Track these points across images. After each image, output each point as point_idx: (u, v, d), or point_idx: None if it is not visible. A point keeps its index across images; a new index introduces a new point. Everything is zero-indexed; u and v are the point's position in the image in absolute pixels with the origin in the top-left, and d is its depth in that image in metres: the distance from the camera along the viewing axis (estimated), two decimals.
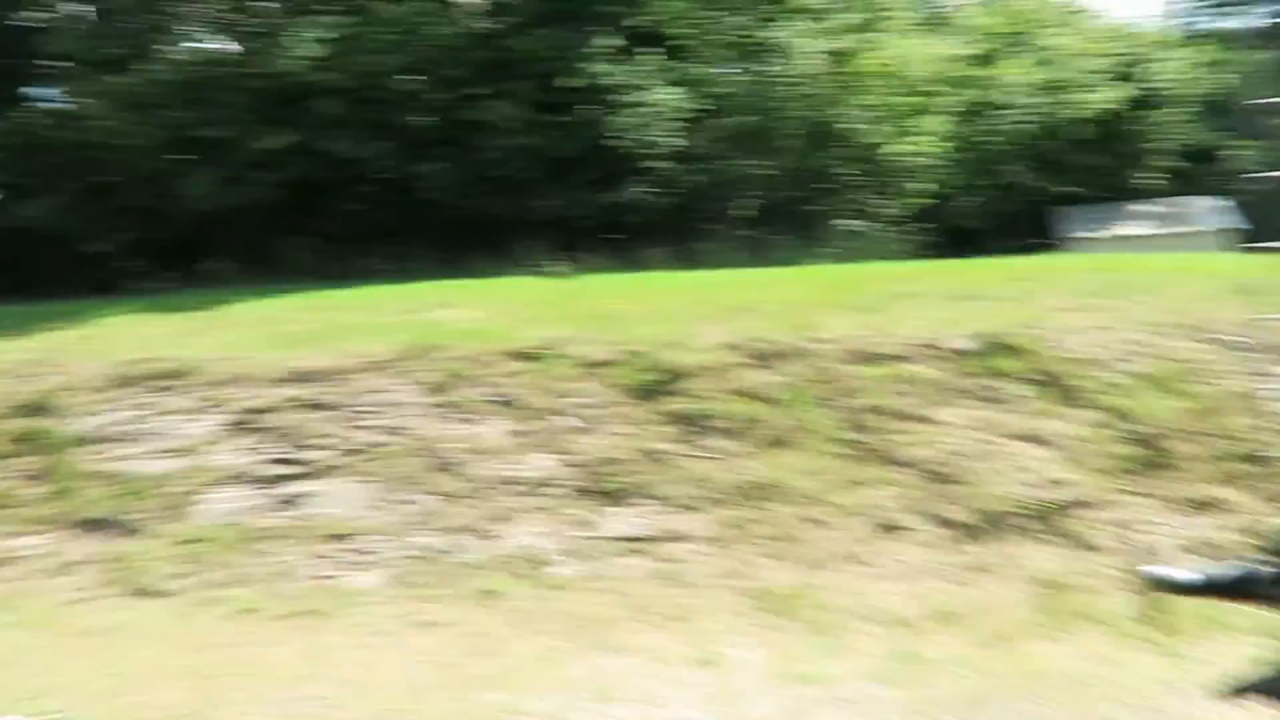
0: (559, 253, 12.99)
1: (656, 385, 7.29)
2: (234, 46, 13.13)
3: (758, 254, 12.74)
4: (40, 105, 19.19)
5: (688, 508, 6.51)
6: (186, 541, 7.49)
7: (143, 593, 7.27)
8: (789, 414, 6.89)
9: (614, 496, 6.68)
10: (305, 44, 12.76)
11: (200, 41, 13.37)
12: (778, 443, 6.75)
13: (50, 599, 7.45)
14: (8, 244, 18.83)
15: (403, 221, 14.52)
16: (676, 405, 7.13)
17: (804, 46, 11.95)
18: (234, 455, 7.90)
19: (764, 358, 7.34)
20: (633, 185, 13.48)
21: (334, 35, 12.91)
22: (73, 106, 15.88)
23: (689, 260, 12.46)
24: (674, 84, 13.28)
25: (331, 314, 10.08)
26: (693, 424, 6.97)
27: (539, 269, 12.52)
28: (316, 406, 7.97)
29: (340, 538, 7.10)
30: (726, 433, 6.87)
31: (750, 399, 7.05)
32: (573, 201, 13.47)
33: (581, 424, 7.15)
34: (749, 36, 12.26)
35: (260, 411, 8.12)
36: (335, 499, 7.34)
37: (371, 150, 13.02)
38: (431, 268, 13.30)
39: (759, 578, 6.06)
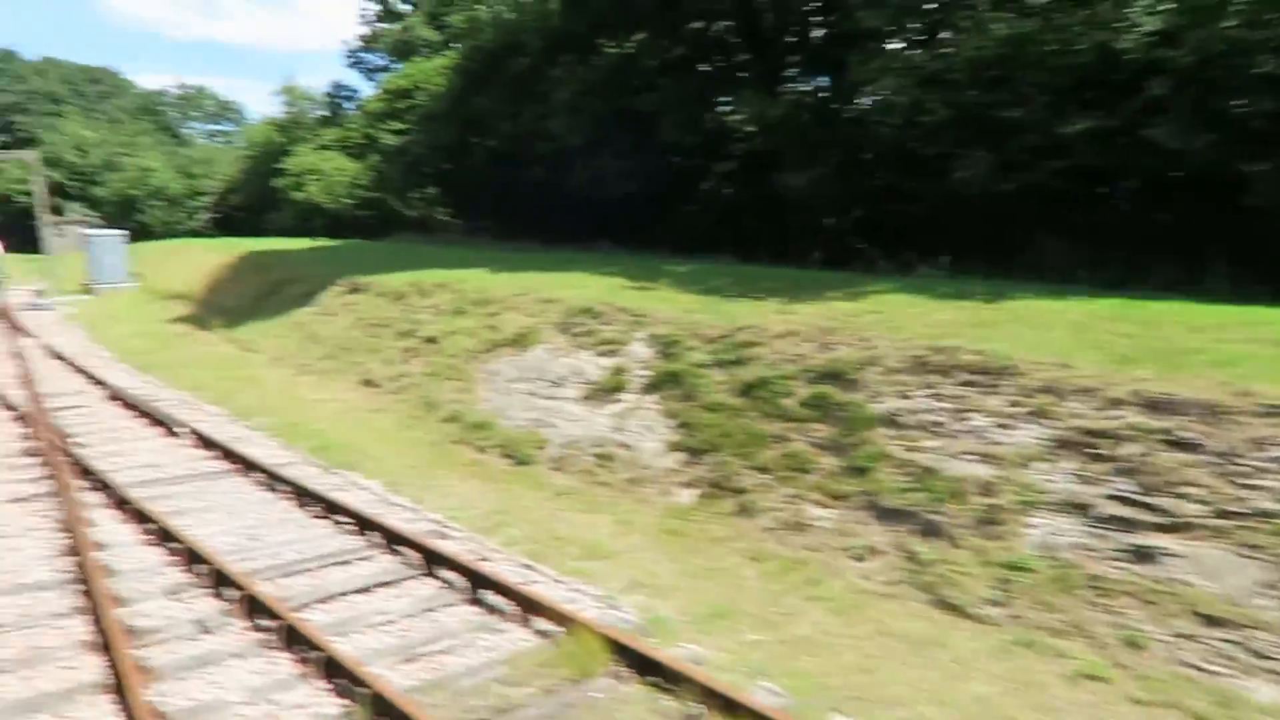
0: None
1: None
2: (1037, 22, 12.16)
3: None
4: (811, 85, 20.76)
5: None
6: (1002, 565, 6.73)
7: (947, 607, 6.70)
8: None
9: None
10: (1147, 17, 11.13)
11: (1003, 19, 12.62)
12: None
13: (845, 581, 7.28)
14: (762, 210, 20.85)
15: (1197, 228, 12.31)
16: None
17: None
18: (1064, 479, 6.92)
19: None
20: None
21: (1175, 4, 11.10)
22: (844, 86, 16.61)
23: None
24: None
25: (1154, 329, 8.55)
26: None
27: None
28: (1178, 445, 6.58)
29: (1215, 621, 5.70)
30: None
31: None
32: None
33: None
34: None
35: (1098, 434, 6.99)
36: (1206, 569, 5.92)
37: (1198, 141, 10.97)
38: (1230, 287, 10.96)
39: None
